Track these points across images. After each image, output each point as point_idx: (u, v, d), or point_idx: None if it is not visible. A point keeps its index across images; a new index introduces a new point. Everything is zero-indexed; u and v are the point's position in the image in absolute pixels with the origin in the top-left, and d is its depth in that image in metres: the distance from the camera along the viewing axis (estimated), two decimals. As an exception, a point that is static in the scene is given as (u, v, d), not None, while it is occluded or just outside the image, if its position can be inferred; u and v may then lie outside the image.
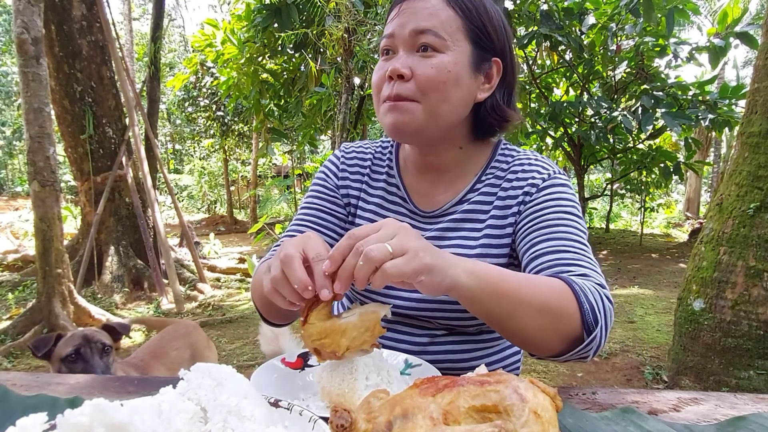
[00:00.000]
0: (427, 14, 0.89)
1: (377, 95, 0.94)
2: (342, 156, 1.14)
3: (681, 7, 5.71)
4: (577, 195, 0.98)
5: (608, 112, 7.03)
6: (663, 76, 7.16)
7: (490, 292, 0.72)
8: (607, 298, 0.80)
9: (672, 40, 6.70)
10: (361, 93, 7.06)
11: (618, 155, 8.67)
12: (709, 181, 16.94)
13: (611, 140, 7.81)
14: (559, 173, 0.98)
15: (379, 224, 0.67)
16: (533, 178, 0.96)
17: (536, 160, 1.00)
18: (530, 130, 7.99)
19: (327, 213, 1.08)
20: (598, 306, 0.76)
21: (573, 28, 6.71)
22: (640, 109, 6.65)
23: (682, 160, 8.06)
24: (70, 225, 9.73)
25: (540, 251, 0.87)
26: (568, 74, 8.28)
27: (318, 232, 1.05)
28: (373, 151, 1.14)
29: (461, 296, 0.72)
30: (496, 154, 1.03)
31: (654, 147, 8.41)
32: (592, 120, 7.48)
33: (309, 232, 0.77)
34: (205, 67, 9.58)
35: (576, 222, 0.91)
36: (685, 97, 6.83)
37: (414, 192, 1.06)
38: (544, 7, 6.42)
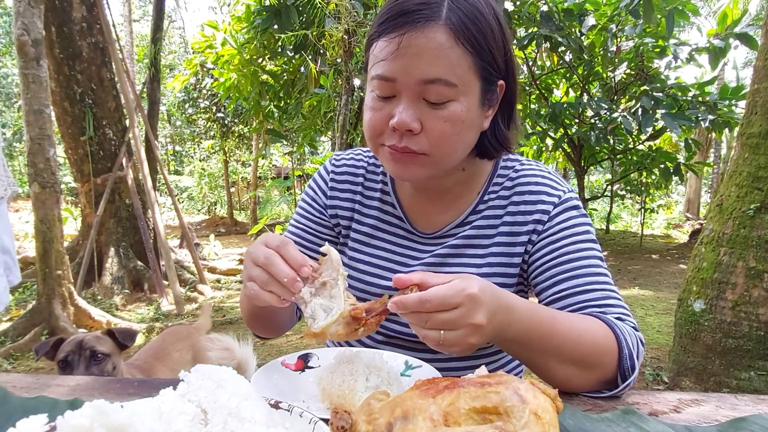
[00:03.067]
0: (434, 56, 0.76)
1: (375, 138, 0.85)
2: (332, 170, 1.06)
3: (681, 8, 5.71)
4: (585, 207, 0.95)
5: (608, 113, 7.03)
6: (663, 77, 7.16)
7: (527, 346, 0.75)
8: (641, 341, 0.82)
9: (672, 41, 6.70)
10: (361, 94, 7.06)
11: (618, 156, 8.67)
12: (709, 182, 16.94)
13: (611, 141, 7.81)
14: (569, 192, 0.93)
15: (452, 300, 0.64)
16: (542, 202, 0.91)
17: (542, 177, 0.94)
18: (530, 131, 7.99)
19: (313, 235, 1.06)
20: (636, 352, 0.79)
21: (573, 30, 6.71)
22: (640, 110, 6.64)
23: (682, 161, 8.06)
24: (71, 226, 9.73)
25: (566, 291, 0.86)
26: (568, 75, 8.28)
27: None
28: (366, 163, 1.06)
29: (499, 345, 0.77)
30: (498, 167, 0.98)
31: (654, 148, 8.41)
32: (592, 121, 7.48)
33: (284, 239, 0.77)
34: (205, 69, 9.58)
35: (594, 250, 0.88)
36: (685, 98, 6.83)
37: (411, 211, 1.00)
38: (544, 8, 6.42)
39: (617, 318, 0.82)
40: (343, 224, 1.04)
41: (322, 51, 5.88)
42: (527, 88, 7.92)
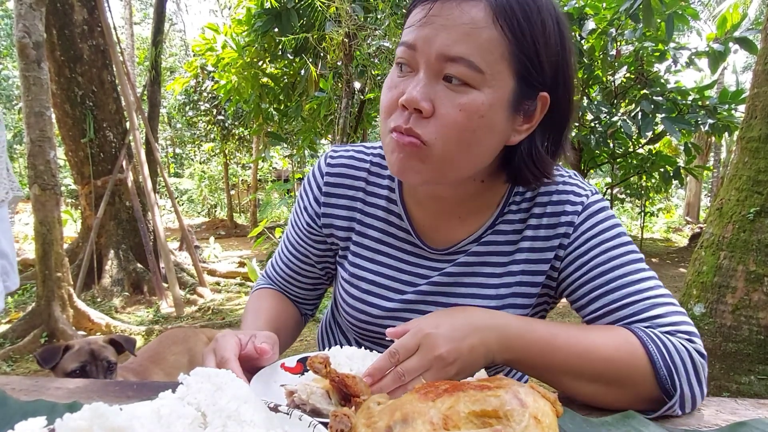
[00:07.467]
0: (463, 32, 0.66)
1: (385, 119, 0.75)
2: (327, 171, 0.92)
3: (680, 12, 5.72)
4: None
5: (608, 116, 7.04)
6: (663, 80, 7.18)
7: (527, 364, 0.73)
8: (698, 352, 0.72)
9: (671, 45, 6.72)
10: (362, 97, 7.07)
11: (618, 160, 8.67)
12: (709, 186, 16.95)
13: (611, 145, 7.82)
14: (593, 195, 0.84)
15: (416, 341, 0.66)
16: (566, 213, 0.82)
17: (564, 183, 0.85)
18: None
19: (307, 248, 0.99)
20: (680, 368, 0.70)
21: (573, 33, 6.73)
22: (639, 113, 6.65)
23: (682, 165, 8.06)
24: (70, 228, 9.73)
25: (603, 309, 0.78)
26: (567, 79, 8.29)
27: (302, 267, 1.01)
28: (370, 160, 0.92)
29: (501, 364, 0.74)
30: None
31: (654, 152, 8.42)
32: (592, 125, 7.49)
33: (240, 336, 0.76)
34: (205, 71, 9.60)
35: (629, 254, 0.80)
36: (684, 101, 6.84)
37: (421, 224, 0.88)
38: (544, 12, 6.43)
39: (667, 332, 0.73)
40: (339, 236, 0.92)
41: (322, 54, 5.89)
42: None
